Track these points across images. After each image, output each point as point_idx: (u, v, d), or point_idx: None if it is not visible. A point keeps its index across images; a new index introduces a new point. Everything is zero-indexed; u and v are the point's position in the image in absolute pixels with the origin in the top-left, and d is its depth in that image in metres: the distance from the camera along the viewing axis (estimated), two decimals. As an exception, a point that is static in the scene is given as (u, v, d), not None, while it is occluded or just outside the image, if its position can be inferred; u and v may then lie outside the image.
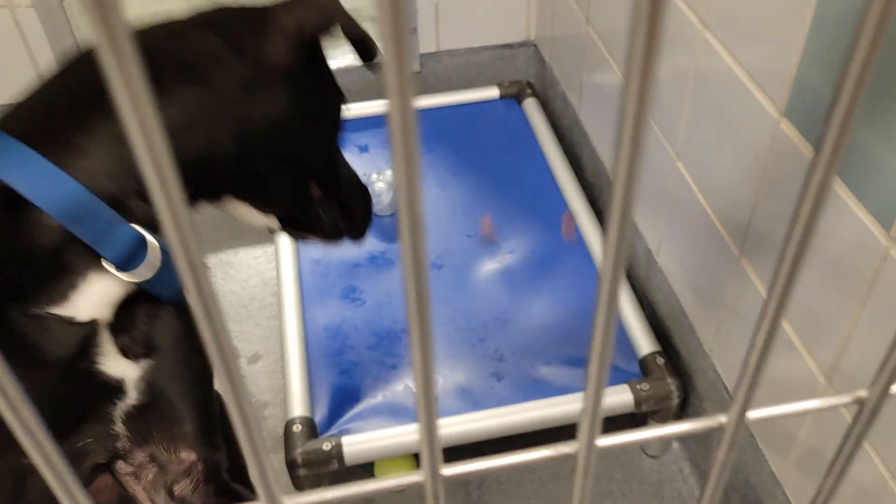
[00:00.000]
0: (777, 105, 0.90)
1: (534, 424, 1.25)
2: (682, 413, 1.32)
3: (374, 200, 1.59)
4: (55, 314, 0.65)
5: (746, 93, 0.96)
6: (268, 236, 1.78)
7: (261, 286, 1.69)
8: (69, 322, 0.65)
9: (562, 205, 1.61)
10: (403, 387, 1.29)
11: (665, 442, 1.34)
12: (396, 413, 1.25)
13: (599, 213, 1.61)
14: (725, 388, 1.16)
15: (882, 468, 0.83)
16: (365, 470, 1.33)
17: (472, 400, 1.27)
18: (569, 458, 1.13)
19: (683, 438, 1.35)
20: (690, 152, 1.16)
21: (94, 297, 0.66)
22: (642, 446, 1.36)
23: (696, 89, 1.11)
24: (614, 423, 1.40)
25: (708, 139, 1.10)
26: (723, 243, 1.09)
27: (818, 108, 0.82)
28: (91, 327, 0.67)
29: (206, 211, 1.06)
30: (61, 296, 0.65)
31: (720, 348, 1.16)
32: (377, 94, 1.95)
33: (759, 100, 0.93)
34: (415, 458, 1.33)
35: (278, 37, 0.73)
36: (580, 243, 1.52)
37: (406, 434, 1.21)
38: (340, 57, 1.93)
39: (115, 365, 0.70)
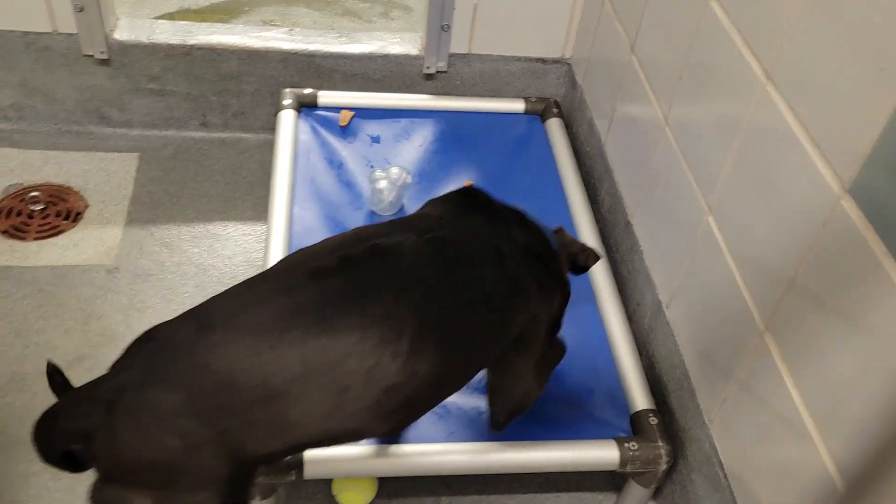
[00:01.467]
0: (841, 179, 0.82)
1: (508, 467, 1.16)
2: (665, 479, 1.24)
3: (375, 198, 1.51)
4: None
5: (805, 159, 0.88)
6: (261, 214, 1.69)
7: (245, 265, 1.59)
8: None
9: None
10: (378, 402, 1.20)
11: (642, 503, 1.26)
12: (366, 430, 1.16)
13: (610, 251, 1.53)
14: (721, 465, 1.08)
15: None
16: (324, 484, 1.24)
17: (447, 428, 1.18)
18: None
19: (661, 502, 1.27)
20: (726, 209, 1.08)
21: None
22: (617, 505, 1.28)
23: (745, 143, 1.03)
24: (590, 477, 1.32)
25: (749, 199, 1.02)
26: (747, 313, 1.01)
27: (894, 193, 0.74)
28: None
29: (199, 181, 0.98)
30: None
31: (723, 421, 1.08)
32: (397, 87, 1.86)
33: (820, 169, 0.85)
34: (377, 482, 1.24)
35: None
36: (584, 283, 1.44)
37: (373, 455, 1.13)
38: (367, 41, 1.84)
39: None
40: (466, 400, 1.22)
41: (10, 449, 1.25)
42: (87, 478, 1.23)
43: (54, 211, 1.65)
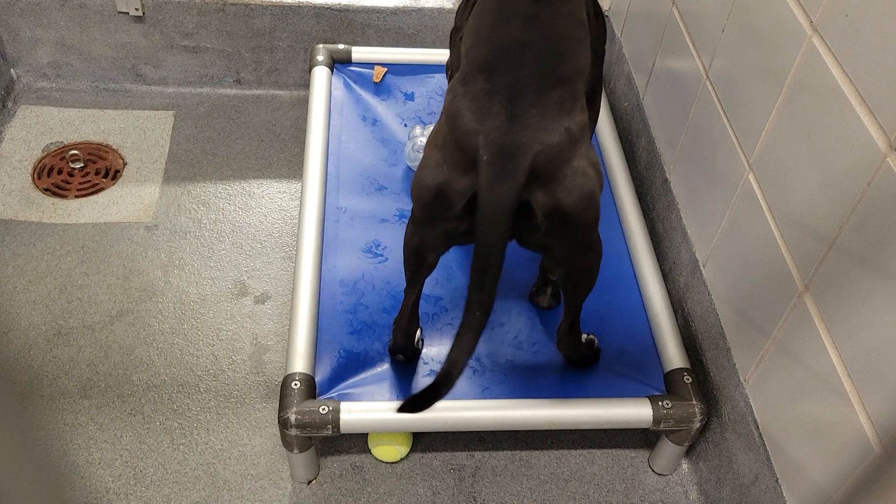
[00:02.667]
0: (888, 136, 0.79)
1: (542, 423, 1.17)
2: (699, 438, 1.24)
3: (413, 155, 1.50)
4: None
5: (852, 115, 0.86)
6: (295, 172, 1.70)
7: (280, 223, 1.61)
8: None
9: (606, 192, 1.52)
10: (415, 360, 1.22)
11: (675, 461, 1.26)
12: (401, 385, 1.18)
13: (646, 209, 1.51)
14: (756, 424, 1.07)
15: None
16: (359, 438, 1.27)
17: (481, 384, 1.19)
18: (569, 460, 1.05)
19: (695, 460, 1.27)
20: (767, 166, 1.06)
21: None
22: (650, 461, 1.29)
23: (789, 98, 1.00)
24: (623, 435, 1.33)
25: (792, 157, 0.99)
26: (786, 272, 0.99)
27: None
28: None
29: (233, 138, 0.98)
30: None
31: (759, 381, 1.07)
32: (431, 41, 1.84)
33: (867, 126, 0.83)
34: (412, 436, 1.26)
35: None
36: (620, 241, 1.42)
37: (408, 410, 1.14)
38: (401, -5, 1.81)
39: None
40: (500, 355, 1.23)
41: (59, 400, 1.30)
42: (130, 428, 1.27)
43: (94, 169, 1.68)
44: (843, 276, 0.88)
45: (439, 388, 0.91)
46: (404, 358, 1.20)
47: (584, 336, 1.21)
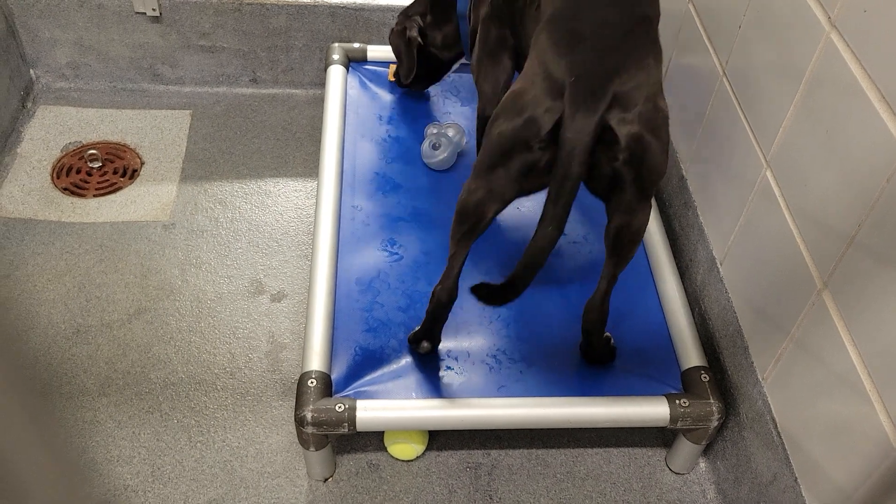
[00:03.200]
0: (908, 132, 0.79)
1: (558, 422, 1.17)
2: (716, 436, 1.23)
3: (430, 153, 1.51)
4: None
5: (871, 111, 0.85)
6: (311, 170, 1.70)
7: (296, 221, 1.61)
8: None
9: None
10: (429, 356, 1.22)
11: (692, 459, 1.26)
12: (418, 383, 1.18)
13: (663, 207, 1.50)
14: (774, 423, 1.07)
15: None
16: (375, 437, 1.27)
17: (497, 382, 1.19)
18: (586, 459, 1.06)
19: (713, 459, 1.27)
20: (785, 163, 1.05)
21: None
22: (667, 460, 1.28)
23: (807, 94, 0.99)
24: (640, 433, 1.32)
25: (809, 153, 0.98)
26: (804, 270, 0.98)
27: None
28: None
29: (250, 137, 0.97)
30: None
31: (777, 379, 1.07)
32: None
33: (886, 122, 0.82)
34: (428, 434, 1.26)
35: None
36: (638, 235, 1.42)
37: (425, 408, 1.14)
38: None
39: None
40: (517, 353, 1.23)
41: (78, 398, 1.31)
42: (148, 426, 1.28)
43: (112, 168, 1.69)
44: (862, 273, 0.87)
45: (507, 292, 0.98)
46: (429, 346, 1.19)
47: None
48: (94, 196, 1.63)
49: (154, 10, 1.75)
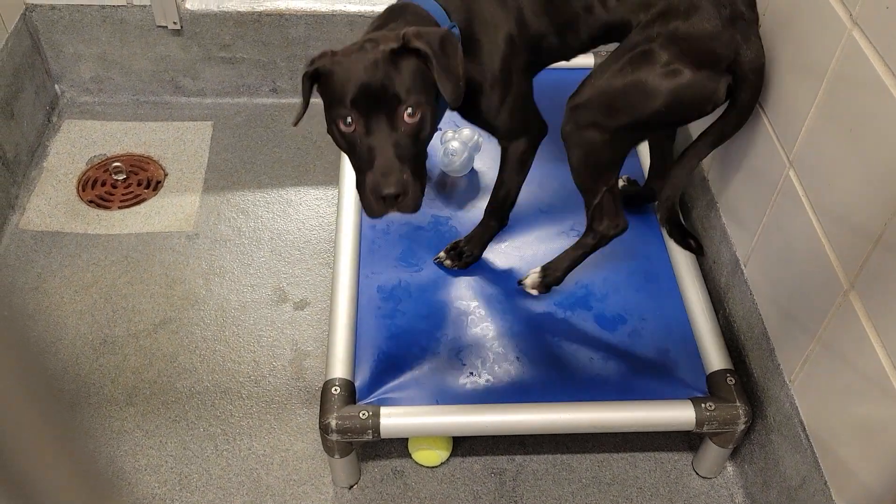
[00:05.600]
0: (934, 129, 0.77)
1: (583, 427, 1.17)
2: (744, 440, 1.22)
3: (447, 159, 1.51)
4: None
5: (894, 108, 0.84)
6: (332, 178, 1.71)
7: (318, 230, 1.62)
8: None
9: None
10: (451, 362, 1.22)
11: (719, 463, 1.25)
12: (441, 389, 1.18)
13: (685, 208, 1.49)
14: (802, 426, 1.05)
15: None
16: (399, 443, 1.27)
17: (521, 388, 1.19)
18: (611, 464, 1.05)
19: (740, 463, 1.25)
20: (808, 162, 1.04)
21: None
22: (694, 464, 1.27)
23: (829, 93, 0.98)
24: (666, 438, 1.31)
25: (833, 152, 0.97)
26: (830, 270, 0.97)
27: None
28: None
29: (271, 147, 0.96)
30: None
31: (804, 381, 1.05)
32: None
33: (911, 119, 0.81)
34: (452, 440, 1.26)
35: None
36: (659, 241, 1.41)
37: (448, 414, 1.14)
38: None
39: None
40: (541, 359, 1.22)
41: (106, 408, 1.32)
42: (175, 434, 1.29)
43: (136, 180, 1.71)
44: (889, 272, 0.86)
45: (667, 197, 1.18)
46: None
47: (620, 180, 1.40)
48: (119, 208, 1.65)
49: (175, 23, 1.77)
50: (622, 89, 1.09)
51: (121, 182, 1.70)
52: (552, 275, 1.29)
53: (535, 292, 1.30)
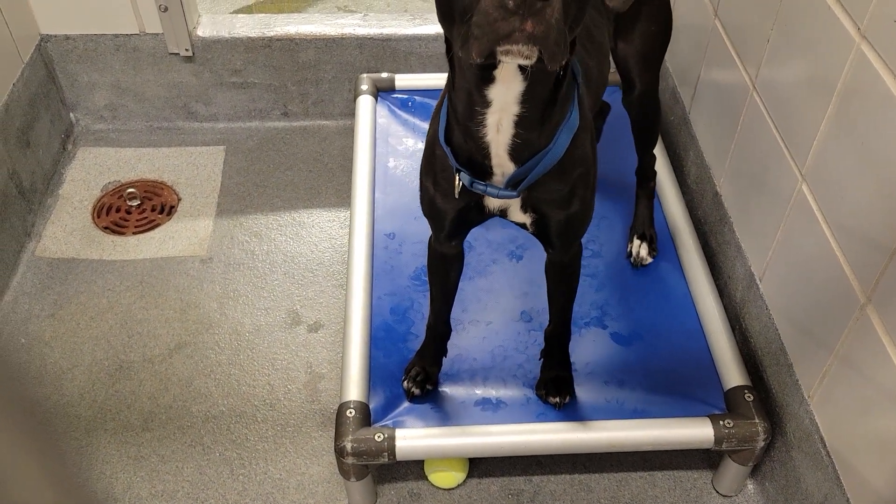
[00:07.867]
0: (947, 141, 0.77)
1: (600, 446, 1.16)
2: (763, 457, 1.21)
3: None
4: None
5: (907, 120, 0.83)
6: (344, 200, 1.72)
7: (331, 252, 1.63)
8: None
9: (657, 206, 1.50)
10: (466, 383, 1.21)
11: (740, 481, 1.23)
12: (457, 411, 1.17)
13: (698, 224, 1.48)
14: (823, 442, 1.04)
15: None
16: (416, 465, 1.26)
17: (537, 408, 1.18)
18: (630, 483, 1.03)
19: (761, 481, 1.24)
20: (820, 176, 1.03)
21: None
22: (714, 483, 1.26)
23: (840, 106, 0.98)
24: (684, 456, 1.30)
25: (845, 165, 0.97)
26: (846, 285, 0.96)
27: None
28: None
29: (283, 170, 0.95)
30: None
31: (824, 397, 1.04)
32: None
33: (924, 131, 0.80)
34: (468, 462, 1.25)
35: None
36: (673, 257, 1.40)
37: (464, 436, 1.14)
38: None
39: None
40: (554, 379, 1.22)
41: (122, 433, 1.33)
42: (191, 459, 1.29)
43: (150, 206, 1.72)
44: (906, 286, 0.85)
45: None
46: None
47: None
48: (134, 234, 1.66)
49: (187, 49, 1.79)
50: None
51: (135, 208, 1.71)
52: (647, 231, 1.41)
53: (651, 257, 1.39)
